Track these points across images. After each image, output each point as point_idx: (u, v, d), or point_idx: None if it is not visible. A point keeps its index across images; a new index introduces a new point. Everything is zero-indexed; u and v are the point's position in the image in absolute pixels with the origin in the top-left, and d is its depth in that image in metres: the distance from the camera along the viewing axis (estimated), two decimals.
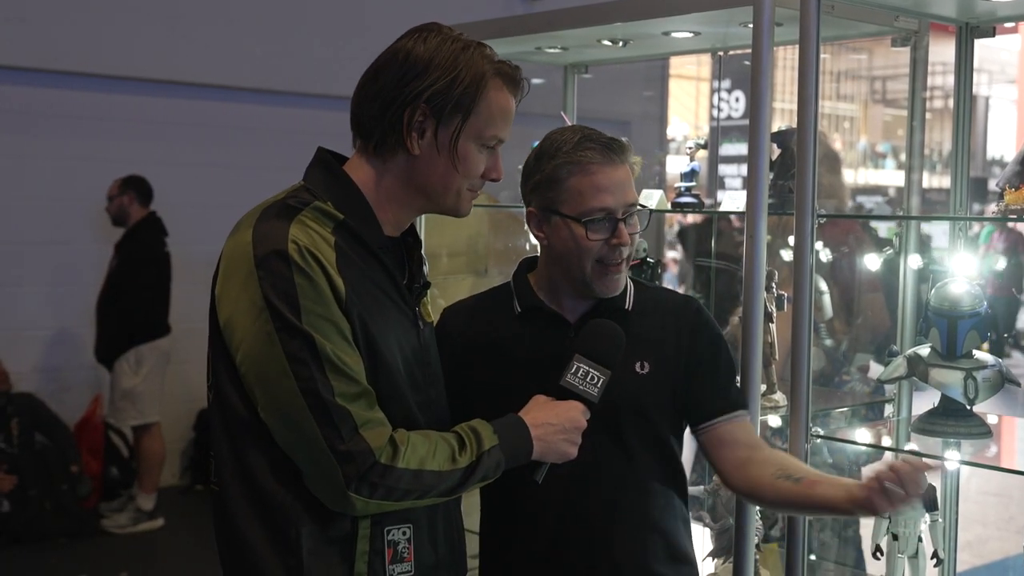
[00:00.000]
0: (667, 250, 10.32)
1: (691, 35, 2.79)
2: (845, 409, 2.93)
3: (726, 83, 12.01)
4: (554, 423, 1.81)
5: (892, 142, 19.04)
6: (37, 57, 6.25)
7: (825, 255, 3.74)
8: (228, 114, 6.95)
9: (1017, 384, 2.35)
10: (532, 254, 2.14)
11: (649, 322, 2.04)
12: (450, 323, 2.09)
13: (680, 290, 2.84)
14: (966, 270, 2.40)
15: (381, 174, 1.77)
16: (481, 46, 1.77)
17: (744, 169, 2.42)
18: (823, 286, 3.42)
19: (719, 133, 10.77)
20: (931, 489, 2.40)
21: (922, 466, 1.77)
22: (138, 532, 5.98)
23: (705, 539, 2.82)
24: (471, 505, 2.07)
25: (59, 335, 6.57)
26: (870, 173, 18.45)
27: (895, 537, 2.41)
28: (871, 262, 3.81)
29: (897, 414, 2.70)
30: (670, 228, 10.37)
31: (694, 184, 2.87)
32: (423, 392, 1.81)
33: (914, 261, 2.66)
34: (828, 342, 3.77)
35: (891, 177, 17.78)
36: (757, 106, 2.26)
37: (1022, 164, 2.21)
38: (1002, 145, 19.16)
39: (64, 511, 5.81)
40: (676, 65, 11.79)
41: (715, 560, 2.78)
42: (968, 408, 2.32)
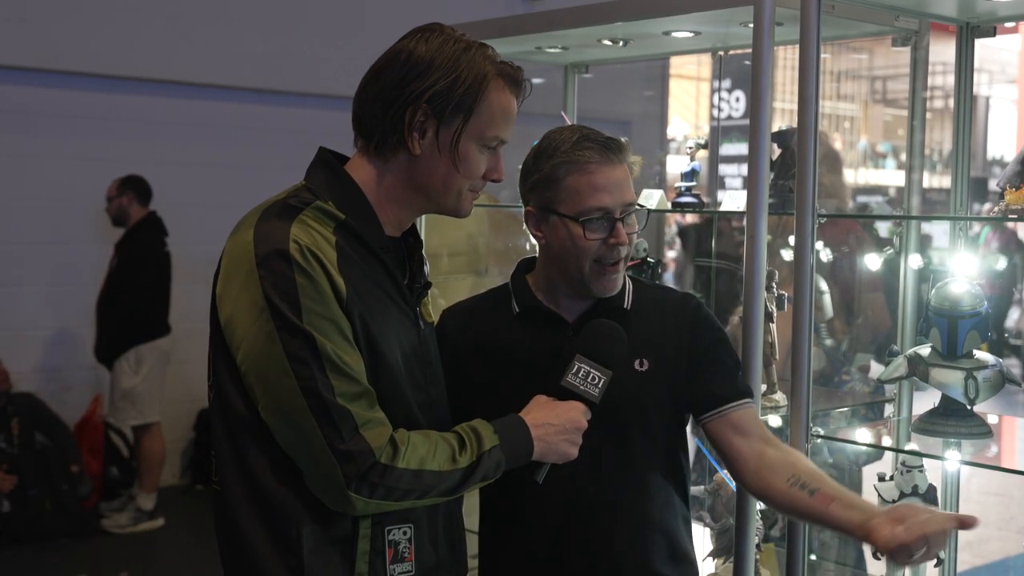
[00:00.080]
0: (665, 250, 10.31)
1: (691, 35, 2.79)
2: (845, 409, 2.93)
3: (726, 83, 12.01)
4: (555, 423, 1.81)
5: (892, 142, 19.03)
6: (37, 57, 6.25)
7: (825, 255, 3.74)
8: (228, 114, 6.95)
9: (1017, 384, 2.35)
10: (532, 254, 2.14)
11: (648, 321, 2.04)
12: (449, 324, 2.09)
13: (676, 287, 2.85)
14: (966, 270, 2.39)
15: (382, 174, 1.77)
16: (483, 46, 1.77)
17: (744, 169, 2.42)
18: (823, 286, 3.42)
19: (719, 133, 10.78)
20: (931, 490, 2.41)
21: (956, 524, 1.73)
22: (138, 532, 5.98)
23: (705, 539, 2.82)
24: (471, 505, 2.07)
25: (59, 335, 6.57)
26: (870, 173, 18.45)
27: None
28: (871, 262, 3.81)
29: (897, 414, 2.70)
30: (669, 228, 10.37)
31: (694, 184, 2.87)
32: (424, 392, 1.81)
33: (914, 261, 2.66)
34: (828, 342, 3.77)
35: (891, 177, 17.77)
36: (757, 106, 2.26)
37: (1022, 164, 2.20)
38: (1002, 145, 19.15)
39: (64, 511, 5.81)
40: (676, 65, 11.80)
41: (715, 560, 2.78)
42: (968, 408, 2.32)
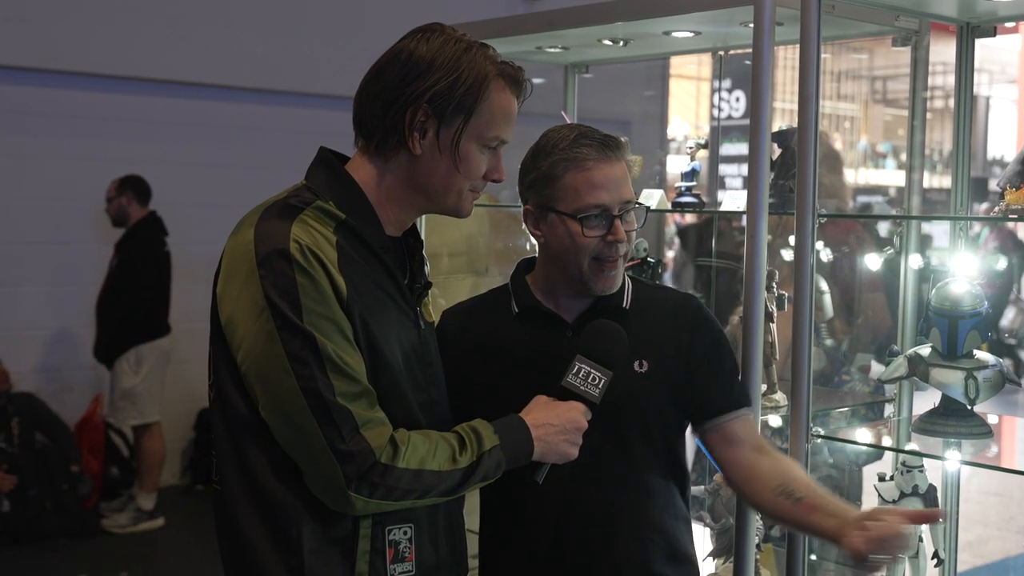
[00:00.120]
0: (665, 249, 10.31)
1: (692, 35, 2.79)
2: (845, 409, 2.93)
3: (727, 83, 12.00)
4: (555, 423, 1.81)
5: (893, 142, 19.03)
6: (37, 57, 6.25)
7: (826, 255, 3.75)
8: (228, 114, 6.95)
9: (1018, 384, 2.35)
10: (532, 254, 2.14)
11: (648, 321, 2.04)
12: (449, 325, 2.09)
13: (674, 287, 2.84)
14: (967, 270, 2.39)
15: (383, 174, 1.77)
16: (484, 47, 1.77)
17: (744, 169, 2.43)
18: (824, 286, 3.42)
19: (719, 133, 10.77)
20: (932, 490, 2.41)
21: (910, 520, 1.78)
22: (138, 532, 5.98)
23: (705, 539, 2.82)
24: (472, 505, 2.07)
25: (59, 335, 6.57)
26: (871, 173, 18.45)
27: None
28: (872, 262, 3.81)
29: (898, 414, 2.70)
30: (668, 228, 10.36)
31: (695, 184, 2.87)
32: (424, 392, 1.81)
33: (915, 261, 2.66)
34: (829, 342, 3.77)
35: (892, 177, 17.77)
36: (758, 106, 2.26)
37: (1023, 164, 2.20)
38: (1002, 145, 19.14)
39: (64, 511, 5.81)
40: (677, 65, 11.79)
41: (715, 560, 2.78)
42: (969, 408, 2.32)
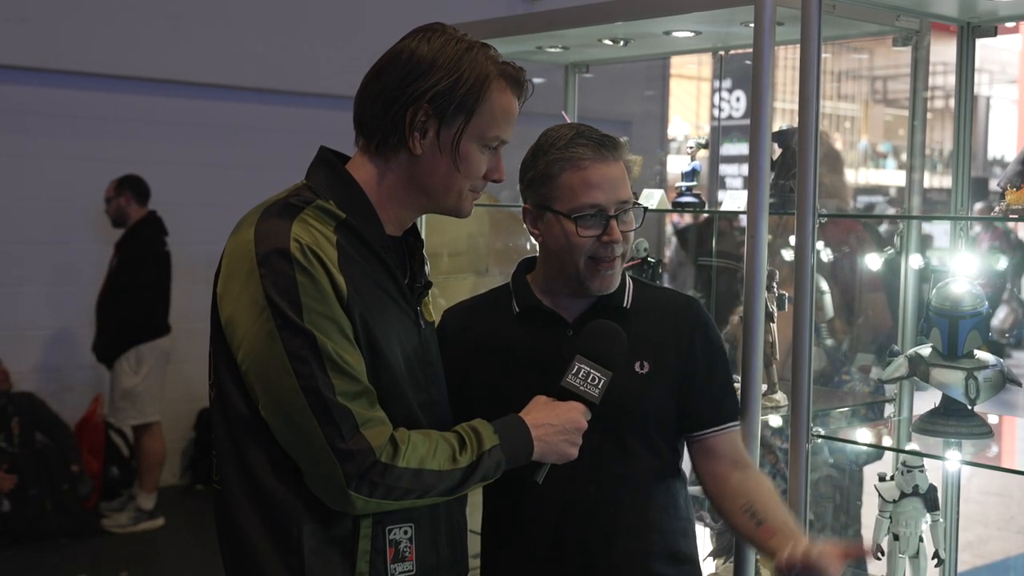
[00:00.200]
0: (664, 249, 10.31)
1: (692, 35, 2.79)
2: (846, 409, 2.93)
3: (727, 83, 12.00)
4: (555, 424, 1.81)
5: (893, 142, 19.04)
6: (37, 56, 6.25)
7: (826, 255, 3.74)
8: (229, 113, 6.95)
9: (1018, 384, 2.35)
10: (533, 254, 2.14)
11: (648, 321, 2.04)
12: (449, 324, 2.09)
13: (670, 287, 2.84)
14: (967, 270, 2.39)
15: (383, 173, 1.77)
16: (485, 47, 1.77)
17: (745, 169, 2.43)
18: (824, 286, 3.42)
19: (720, 133, 10.77)
20: (932, 489, 2.41)
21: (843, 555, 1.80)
22: (138, 532, 5.98)
23: (705, 539, 2.82)
24: (473, 505, 2.07)
25: (59, 335, 6.57)
26: (871, 173, 18.45)
27: (896, 537, 2.41)
28: (872, 262, 3.81)
29: (898, 414, 2.70)
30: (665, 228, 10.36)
31: (695, 184, 2.87)
32: (425, 392, 1.81)
33: (915, 261, 2.66)
34: (829, 342, 3.76)
35: (892, 177, 17.78)
36: (758, 105, 2.26)
37: (1023, 164, 2.20)
38: (1003, 145, 19.15)
39: (64, 510, 5.81)
40: (677, 65, 11.80)
41: (715, 560, 2.78)
42: (969, 408, 2.32)
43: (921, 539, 2.41)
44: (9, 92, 6.26)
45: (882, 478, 2.44)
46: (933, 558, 2.42)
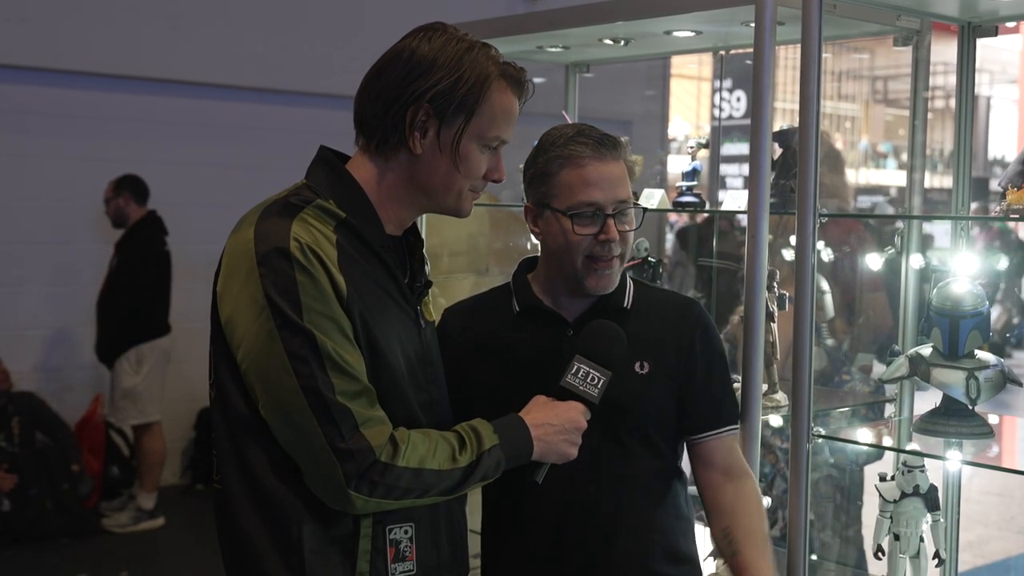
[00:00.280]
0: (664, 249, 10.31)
1: (692, 34, 2.79)
2: (846, 409, 2.93)
3: (727, 82, 12.00)
4: (554, 423, 1.81)
5: (893, 142, 19.04)
6: (38, 56, 6.25)
7: (827, 255, 3.74)
8: (229, 113, 6.95)
9: (1019, 384, 2.35)
10: (533, 253, 2.14)
11: (649, 322, 2.04)
12: (450, 324, 2.09)
13: (666, 287, 2.83)
14: (968, 270, 2.39)
15: (383, 173, 1.77)
16: (486, 46, 1.77)
17: (745, 169, 2.42)
18: (825, 285, 3.42)
19: (720, 132, 10.77)
20: (933, 489, 2.40)
21: None
22: (139, 531, 5.98)
23: (705, 539, 2.81)
24: (473, 505, 2.07)
25: (60, 334, 6.57)
26: (871, 173, 18.46)
27: (897, 537, 2.41)
28: (873, 262, 3.81)
29: (899, 414, 2.70)
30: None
31: (695, 183, 2.87)
32: (425, 391, 1.80)
33: (916, 261, 2.65)
34: (830, 341, 3.76)
35: (892, 177, 17.78)
36: (759, 105, 2.25)
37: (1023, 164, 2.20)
38: (1003, 145, 19.16)
39: (65, 510, 5.81)
40: (677, 64, 11.81)
41: (715, 560, 2.78)
42: (970, 408, 2.31)
43: (922, 539, 2.41)
44: (10, 91, 6.26)
45: (883, 478, 2.44)
46: (934, 558, 2.42)
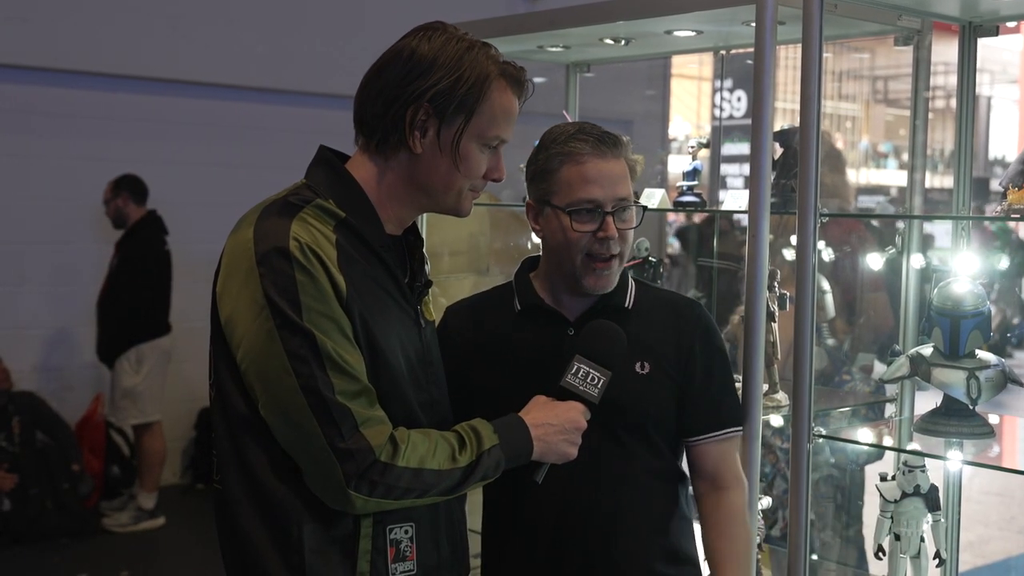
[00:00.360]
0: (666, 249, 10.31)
1: (693, 34, 2.78)
2: (847, 409, 2.93)
3: (728, 82, 12.00)
4: (554, 423, 1.81)
5: (894, 142, 19.04)
6: (39, 56, 6.25)
7: (828, 254, 3.74)
8: (229, 113, 6.95)
9: (1020, 384, 2.35)
10: (532, 253, 2.13)
11: (650, 322, 2.03)
12: (451, 323, 2.09)
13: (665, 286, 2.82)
14: (968, 270, 2.39)
15: (383, 172, 1.77)
16: (486, 46, 1.77)
17: (746, 168, 2.42)
18: (825, 285, 3.42)
19: (721, 132, 10.77)
20: (933, 489, 2.40)
21: None
22: (139, 531, 5.97)
23: None
24: (474, 505, 2.07)
25: (60, 334, 6.57)
26: (872, 173, 18.46)
27: (897, 537, 2.41)
28: (873, 262, 3.81)
29: (899, 414, 2.69)
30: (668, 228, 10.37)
31: (696, 183, 2.87)
32: (425, 391, 1.80)
33: (917, 261, 2.65)
34: (830, 341, 3.76)
35: (893, 177, 17.79)
36: (760, 105, 2.25)
37: None
38: (1004, 145, 19.17)
39: (65, 510, 5.81)
40: (678, 64, 11.80)
41: None
42: (971, 408, 2.31)
43: (922, 539, 2.41)
44: (11, 91, 6.26)
45: (883, 478, 2.44)
46: (934, 558, 2.42)
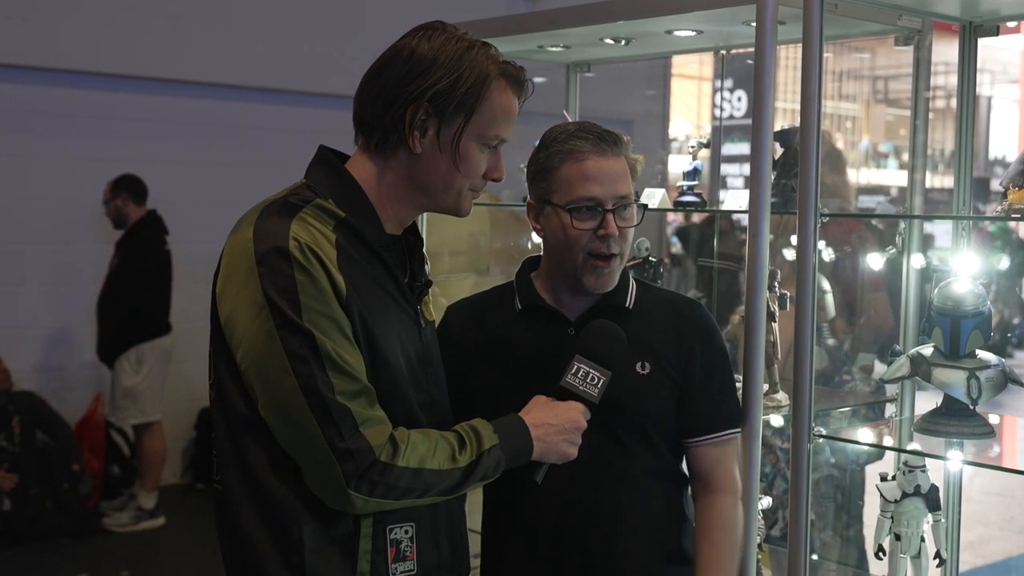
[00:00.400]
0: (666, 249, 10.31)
1: (693, 34, 2.78)
2: (847, 409, 2.93)
3: (728, 82, 12.00)
4: (554, 423, 1.80)
5: (894, 142, 19.04)
6: (39, 56, 6.25)
7: (828, 254, 3.74)
8: (229, 112, 6.95)
9: (1020, 384, 2.34)
10: (533, 253, 2.13)
11: (651, 322, 2.03)
12: (452, 322, 2.09)
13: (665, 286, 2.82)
14: (969, 269, 2.39)
15: (383, 172, 1.77)
16: (486, 45, 1.77)
17: (746, 168, 2.42)
18: (826, 285, 3.41)
19: (721, 132, 10.78)
20: (933, 489, 2.40)
21: None
22: (139, 531, 5.97)
23: None
24: (474, 505, 2.07)
25: (60, 334, 6.57)
26: (872, 173, 18.46)
27: (898, 537, 2.41)
28: (874, 261, 3.81)
29: (900, 414, 2.69)
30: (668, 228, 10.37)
31: (696, 183, 2.86)
32: (425, 391, 1.80)
33: (917, 260, 2.65)
34: (831, 341, 3.76)
35: (893, 177, 17.79)
36: (760, 105, 2.25)
37: None
38: (1004, 145, 19.17)
39: (65, 510, 5.81)
40: (678, 64, 11.80)
41: None
42: (971, 408, 2.31)
43: (923, 539, 2.40)
44: (11, 91, 6.26)
45: (884, 478, 2.44)
46: (935, 558, 2.42)
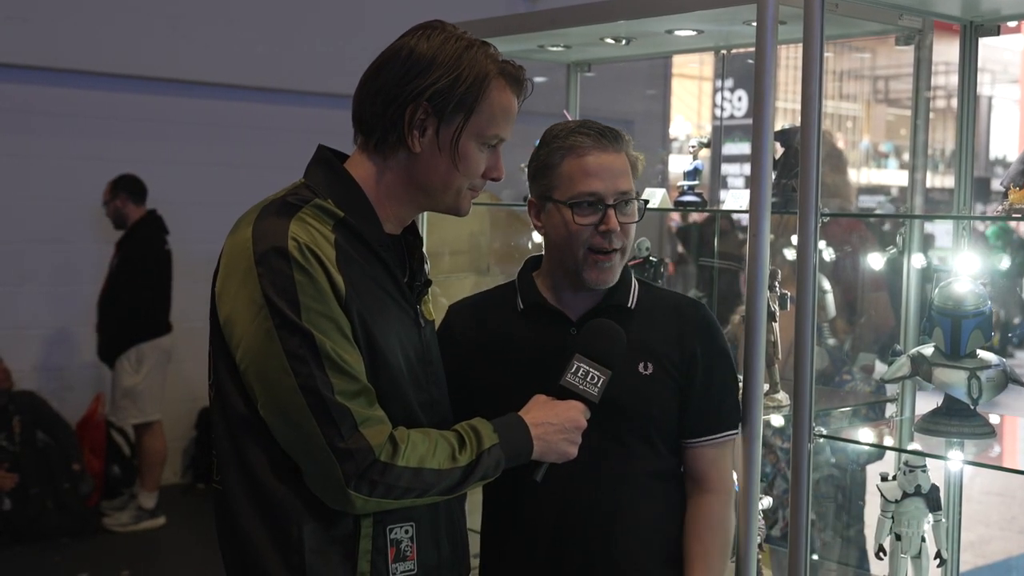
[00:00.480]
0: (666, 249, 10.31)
1: (694, 33, 2.78)
2: (848, 408, 2.92)
3: (729, 82, 11.99)
4: (554, 423, 1.80)
5: (895, 142, 19.04)
6: (39, 55, 6.25)
7: (828, 254, 3.74)
8: (229, 112, 6.95)
9: (1021, 384, 2.34)
10: (533, 252, 2.13)
11: (653, 322, 2.03)
12: (454, 322, 2.09)
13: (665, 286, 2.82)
14: (969, 269, 2.38)
15: (382, 171, 1.77)
16: (485, 45, 1.76)
17: (746, 168, 2.42)
18: (826, 285, 3.41)
19: (721, 132, 10.78)
20: (934, 489, 2.40)
21: None
22: (139, 530, 5.98)
23: None
24: (474, 504, 2.07)
25: (60, 334, 6.57)
26: (873, 173, 18.46)
27: (898, 537, 2.41)
28: (874, 261, 3.80)
29: (900, 414, 2.69)
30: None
31: (697, 183, 2.86)
32: (425, 391, 1.80)
33: (917, 260, 2.65)
34: (831, 341, 3.76)
35: (894, 177, 17.79)
36: (760, 105, 2.25)
37: None
38: (1005, 145, 19.17)
39: (66, 509, 5.81)
40: (679, 64, 11.81)
41: None
42: (972, 408, 2.31)
43: (923, 539, 2.40)
44: (11, 91, 6.26)
45: (884, 478, 2.43)
46: (935, 558, 2.41)
